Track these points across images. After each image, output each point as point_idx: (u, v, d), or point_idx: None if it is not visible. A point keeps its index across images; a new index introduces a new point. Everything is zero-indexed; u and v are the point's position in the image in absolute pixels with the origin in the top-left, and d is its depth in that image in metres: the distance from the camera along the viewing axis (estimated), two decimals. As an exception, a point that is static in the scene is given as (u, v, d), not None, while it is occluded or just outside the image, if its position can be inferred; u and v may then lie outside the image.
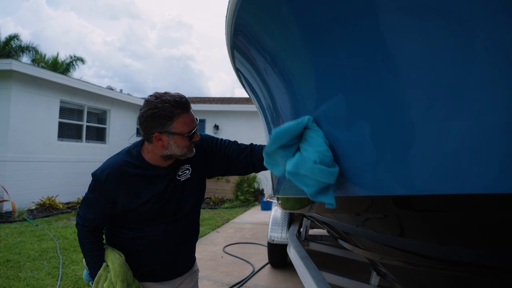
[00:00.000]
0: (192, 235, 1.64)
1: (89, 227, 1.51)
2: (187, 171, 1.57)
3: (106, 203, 1.47)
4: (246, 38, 1.68)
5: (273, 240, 4.07)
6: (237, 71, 2.32)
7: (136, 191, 1.46)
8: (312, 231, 5.36)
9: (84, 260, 1.56)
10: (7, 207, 7.35)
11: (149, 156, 1.49)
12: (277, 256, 4.34)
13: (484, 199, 0.95)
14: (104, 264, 1.49)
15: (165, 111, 1.38)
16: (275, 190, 2.79)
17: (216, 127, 12.42)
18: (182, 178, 1.54)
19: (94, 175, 1.49)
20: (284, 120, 2.09)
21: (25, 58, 20.80)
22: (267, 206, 9.05)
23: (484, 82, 0.86)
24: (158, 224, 1.51)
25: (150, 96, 1.43)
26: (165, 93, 1.43)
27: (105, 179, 1.45)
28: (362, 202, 1.55)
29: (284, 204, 2.87)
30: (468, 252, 1.29)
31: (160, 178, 1.49)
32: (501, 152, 0.85)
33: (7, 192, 7.27)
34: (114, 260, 1.46)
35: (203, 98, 14.66)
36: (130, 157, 1.49)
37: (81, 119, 9.64)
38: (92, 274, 1.49)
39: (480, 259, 1.25)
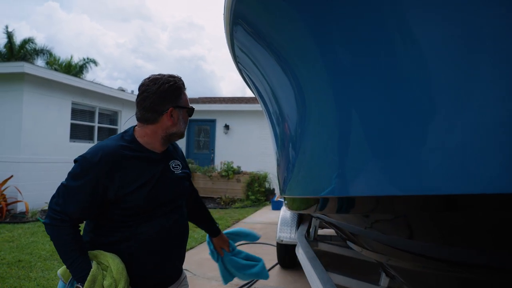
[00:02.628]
0: (184, 234, 1.56)
1: (70, 221, 1.31)
2: (178, 167, 1.55)
3: (96, 188, 1.31)
4: (246, 29, 1.63)
5: (282, 240, 4.03)
6: (238, 67, 2.28)
7: (133, 174, 1.36)
8: (322, 231, 5.30)
9: (59, 271, 1.36)
10: (20, 207, 7.47)
11: (145, 140, 1.43)
12: (286, 256, 4.30)
13: (495, 199, 0.90)
14: (94, 264, 1.31)
15: (178, 84, 1.42)
16: (282, 190, 2.75)
17: (227, 126, 12.43)
18: (176, 171, 1.52)
19: (82, 158, 1.34)
20: (288, 120, 2.05)
21: (40, 61, 21.17)
22: (277, 206, 9.00)
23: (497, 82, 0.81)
24: (151, 220, 1.40)
25: (149, 79, 1.42)
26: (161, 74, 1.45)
27: (98, 161, 1.31)
28: (369, 202, 1.50)
29: (290, 204, 2.83)
30: (477, 254, 1.25)
31: (155, 163, 1.44)
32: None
33: (20, 193, 7.38)
34: (113, 257, 1.32)
35: (214, 98, 14.69)
36: (124, 142, 1.41)
37: (92, 120, 9.74)
38: (79, 276, 1.29)
39: (490, 261, 1.20)
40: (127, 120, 10.44)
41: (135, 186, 1.35)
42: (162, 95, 1.38)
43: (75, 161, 1.36)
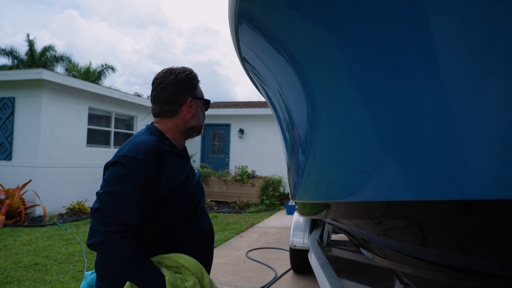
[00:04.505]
0: (213, 236, 1.48)
1: (129, 231, 1.15)
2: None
3: (148, 187, 1.18)
4: (252, 28, 1.59)
5: (294, 246, 3.99)
6: (245, 67, 2.25)
7: (174, 169, 1.28)
8: (336, 236, 5.23)
9: None
10: (39, 211, 7.61)
11: (170, 135, 1.35)
12: (300, 261, 4.25)
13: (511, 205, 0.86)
14: (165, 271, 1.18)
15: (193, 73, 1.38)
16: (292, 195, 2.72)
17: (241, 131, 12.44)
18: (196, 171, 1.49)
19: (125, 158, 1.19)
20: (297, 123, 2.02)
21: (60, 68, 21.74)
22: (292, 210, 8.95)
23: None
24: (191, 220, 1.32)
25: (163, 71, 1.37)
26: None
27: (144, 157, 1.18)
28: (379, 208, 1.46)
29: (301, 209, 2.79)
30: (492, 263, 1.20)
31: (185, 160, 1.38)
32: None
33: (38, 197, 7.53)
34: (181, 255, 1.21)
35: (228, 102, 14.73)
36: (156, 136, 1.30)
37: (109, 125, 9.89)
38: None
39: (506, 270, 1.15)
40: (144, 117, 10.55)
41: (180, 182, 1.28)
42: (180, 84, 1.33)
43: (112, 163, 1.21)
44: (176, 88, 1.32)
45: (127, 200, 1.16)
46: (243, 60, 2.05)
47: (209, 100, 1.45)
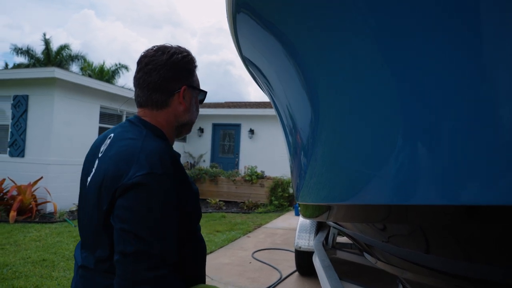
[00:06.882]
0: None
1: (172, 267, 0.91)
2: None
3: (179, 207, 0.97)
4: (251, 20, 1.54)
5: (300, 247, 3.96)
6: (245, 62, 2.21)
7: (185, 175, 1.06)
8: (342, 239, 5.18)
9: None
10: (49, 208, 7.73)
11: (166, 133, 1.10)
12: (305, 263, 4.22)
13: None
14: None
15: (191, 56, 1.11)
16: (296, 197, 2.69)
17: (252, 131, 12.44)
18: None
19: (151, 176, 0.90)
20: (299, 123, 1.99)
21: (75, 67, 22.09)
22: (301, 212, 8.90)
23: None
24: (198, 230, 1.15)
25: (153, 49, 1.08)
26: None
27: (173, 171, 0.96)
28: (381, 212, 1.43)
29: (303, 211, 2.77)
30: (496, 270, 1.16)
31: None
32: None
33: (49, 194, 7.64)
34: (216, 286, 1.12)
35: (239, 102, 14.75)
36: (158, 138, 1.04)
37: (120, 124, 9.98)
38: None
39: (509, 278, 1.11)
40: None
41: (195, 189, 1.11)
42: (174, 67, 1.05)
43: (133, 186, 0.89)
44: (168, 72, 1.04)
45: (168, 232, 0.91)
46: (244, 58, 2.03)
47: (206, 92, 1.18)
